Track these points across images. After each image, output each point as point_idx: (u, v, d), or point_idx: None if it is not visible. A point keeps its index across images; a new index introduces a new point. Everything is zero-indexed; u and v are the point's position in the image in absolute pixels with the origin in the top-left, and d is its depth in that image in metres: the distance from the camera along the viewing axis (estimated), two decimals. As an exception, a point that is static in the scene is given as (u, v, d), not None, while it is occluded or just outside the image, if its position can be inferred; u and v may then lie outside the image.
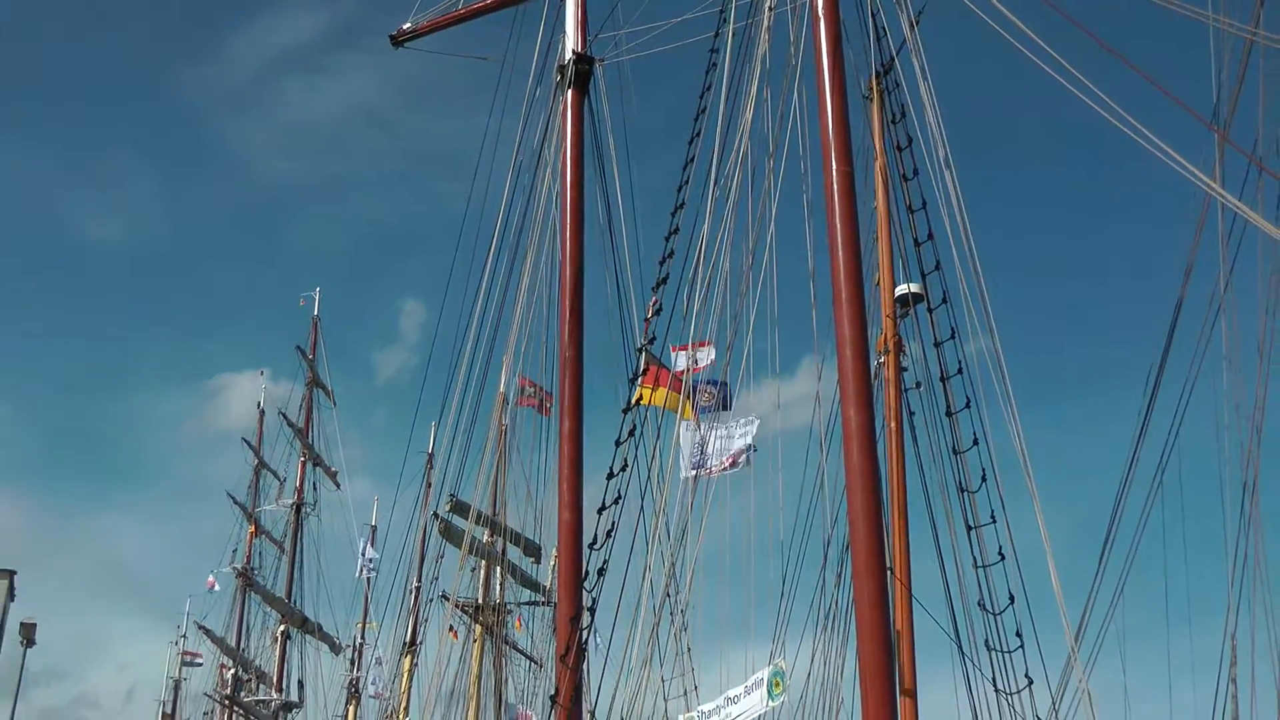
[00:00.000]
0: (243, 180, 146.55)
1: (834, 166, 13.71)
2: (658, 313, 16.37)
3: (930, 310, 15.20)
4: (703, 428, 15.33)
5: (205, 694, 57.72)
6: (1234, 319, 17.45)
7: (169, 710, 66.47)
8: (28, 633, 36.95)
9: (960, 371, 14.82)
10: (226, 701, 51.46)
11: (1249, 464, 17.18)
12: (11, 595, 57.28)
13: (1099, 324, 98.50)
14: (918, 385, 18.05)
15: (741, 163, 15.29)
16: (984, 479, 14.11)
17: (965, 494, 14.45)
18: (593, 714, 16.65)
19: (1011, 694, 13.58)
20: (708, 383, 15.90)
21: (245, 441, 58.01)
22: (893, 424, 18.18)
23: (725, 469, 15.35)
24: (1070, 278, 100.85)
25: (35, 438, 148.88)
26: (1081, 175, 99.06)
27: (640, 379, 16.44)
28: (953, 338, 14.92)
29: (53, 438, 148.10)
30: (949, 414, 14.90)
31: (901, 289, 18.54)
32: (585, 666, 16.86)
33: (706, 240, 15.27)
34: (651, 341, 16.53)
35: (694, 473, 15.01)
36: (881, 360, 18.49)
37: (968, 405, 14.61)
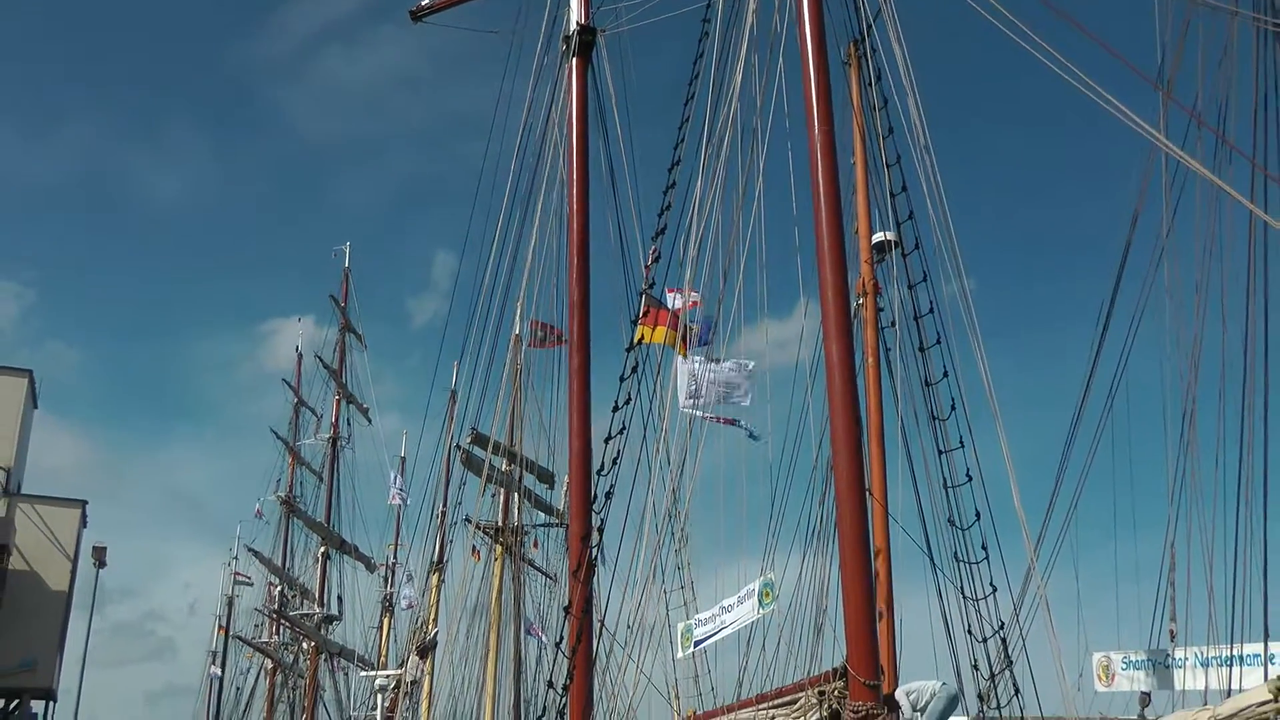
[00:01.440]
0: (289, 141, 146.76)
1: (816, 126, 13.60)
2: (657, 260, 16.32)
3: (904, 256, 15.08)
4: (697, 364, 15.26)
5: (255, 609, 58.34)
6: (1175, 261, 17.44)
7: (224, 624, 66.98)
8: (99, 555, 37.33)
9: (932, 311, 14.75)
10: (274, 615, 51.87)
11: (1188, 393, 17.21)
12: (84, 522, 57.99)
13: (1058, 265, 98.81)
14: (893, 324, 18.02)
15: (731, 123, 15.17)
16: (953, 408, 14.07)
17: (936, 422, 14.40)
18: (602, 623, 16.72)
19: (978, 600, 13.59)
20: (697, 321, 15.83)
21: (285, 382, 58.34)
22: (870, 359, 18.17)
23: (723, 422, 15.31)
24: (1033, 224, 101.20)
25: (104, 380, 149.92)
26: (1043, 131, 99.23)
27: (641, 320, 16.40)
28: (925, 280, 14.82)
29: (120, 380, 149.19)
30: (921, 349, 14.84)
31: (878, 236, 18.47)
32: (595, 581, 16.92)
33: (700, 194, 15.18)
34: (651, 286, 16.49)
35: (690, 404, 14.96)
36: (860, 301, 18.45)
37: (939, 341, 14.54)
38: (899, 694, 13.55)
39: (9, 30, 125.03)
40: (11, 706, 57.27)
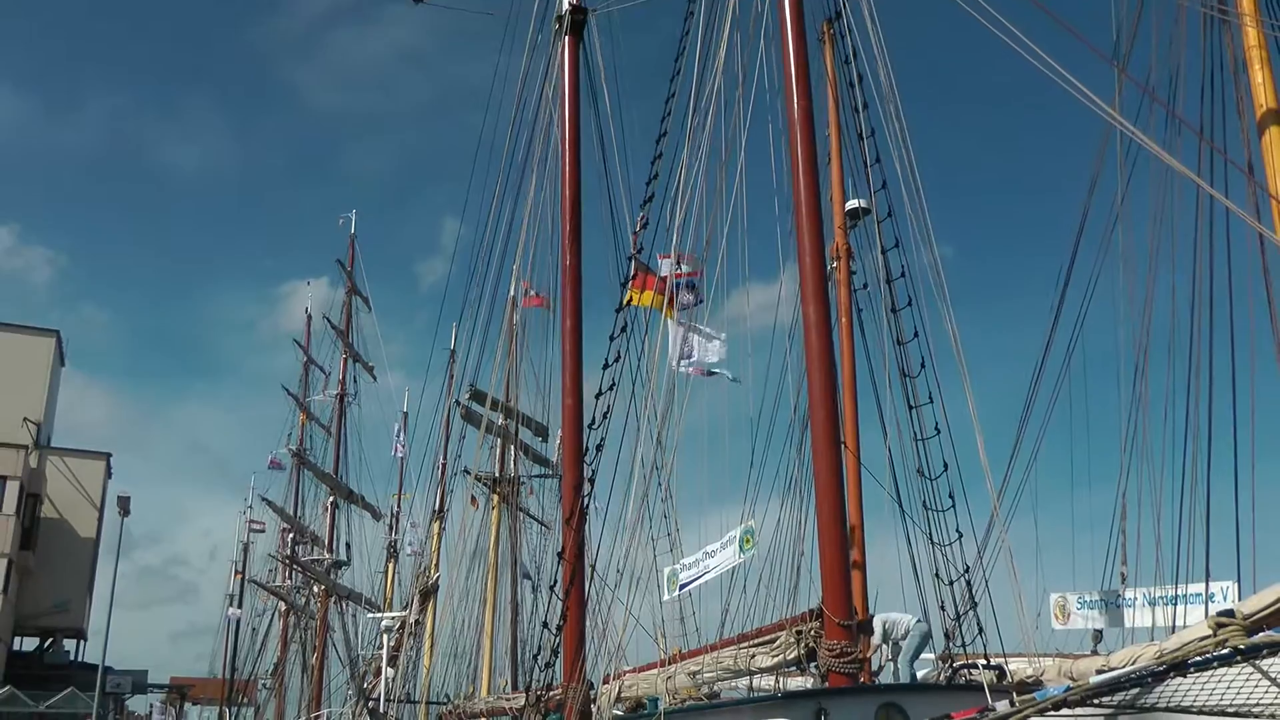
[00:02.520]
0: (303, 116, 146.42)
1: (795, 101, 13.50)
2: (645, 226, 16.21)
3: (878, 222, 14.95)
4: (685, 326, 15.15)
5: (270, 554, 58.32)
6: (1129, 227, 17.42)
7: (240, 569, 67.09)
8: (123, 504, 37.27)
9: (903, 275, 14.65)
10: (286, 561, 51.93)
11: (1140, 351, 17.22)
12: (109, 473, 57.69)
13: (1021, 232, 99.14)
14: (864, 286, 17.92)
15: (715, 97, 15.03)
16: (923, 366, 13.98)
17: (907, 379, 14.29)
18: (593, 567, 16.70)
19: (944, 545, 13.55)
20: (688, 286, 15.70)
21: (296, 342, 58.26)
22: (844, 319, 18.09)
23: (702, 374, 15.22)
24: (999, 194, 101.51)
25: (129, 338, 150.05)
26: (1009, 108, 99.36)
27: (630, 283, 16.27)
28: (897, 246, 14.70)
29: (144, 338, 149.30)
30: (893, 311, 14.71)
31: (852, 204, 18.34)
32: (586, 528, 16.88)
33: (687, 163, 15.05)
34: (640, 251, 16.37)
35: (681, 363, 14.86)
36: (834, 265, 18.34)
37: (909, 304, 14.44)
38: (875, 620, 13.54)
39: (34, 10, 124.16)
40: (46, 644, 57.54)
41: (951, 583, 13.36)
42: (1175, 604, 15.74)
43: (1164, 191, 16.62)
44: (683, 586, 14.01)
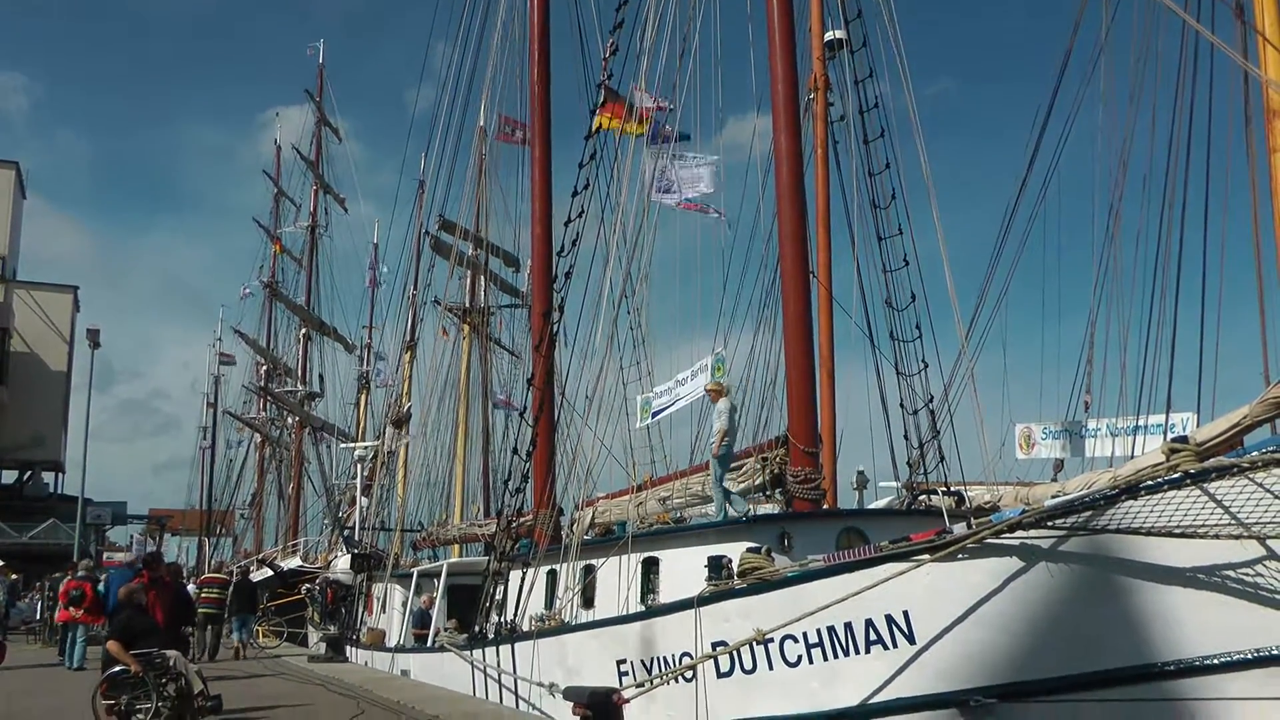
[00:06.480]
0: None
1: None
2: (614, 52, 15.88)
3: (851, 52, 14.72)
4: (664, 157, 14.99)
5: (244, 386, 58.64)
6: (1111, 64, 17.22)
7: (211, 401, 67.38)
8: (93, 337, 37.36)
9: (877, 105, 14.50)
10: (260, 392, 52.25)
11: (1115, 189, 17.22)
12: (77, 306, 57.42)
13: (1004, 65, 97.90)
14: (841, 119, 17.71)
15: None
16: (894, 197, 13.97)
17: (877, 210, 14.28)
18: (563, 394, 16.87)
19: (910, 375, 13.74)
20: (665, 126, 15.46)
21: (265, 173, 57.50)
22: (820, 152, 17.94)
23: (692, 208, 15.09)
24: (979, 25, 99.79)
25: (100, 170, 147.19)
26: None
27: (600, 110, 16.03)
28: (871, 77, 14.51)
29: (114, 169, 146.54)
30: (866, 142, 14.61)
31: (830, 35, 18.00)
32: (557, 356, 16.99)
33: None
34: (610, 77, 16.06)
35: (662, 196, 14.73)
36: (811, 96, 18.10)
37: (882, 135, 14.33)
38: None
39: None
40: (25, 477, 58.15)
41: (915, 412, 13.61)
42: (1135, 434, 16.05)
43: (1149, 28, 16.39)
44: (656, 414, 14.18)
